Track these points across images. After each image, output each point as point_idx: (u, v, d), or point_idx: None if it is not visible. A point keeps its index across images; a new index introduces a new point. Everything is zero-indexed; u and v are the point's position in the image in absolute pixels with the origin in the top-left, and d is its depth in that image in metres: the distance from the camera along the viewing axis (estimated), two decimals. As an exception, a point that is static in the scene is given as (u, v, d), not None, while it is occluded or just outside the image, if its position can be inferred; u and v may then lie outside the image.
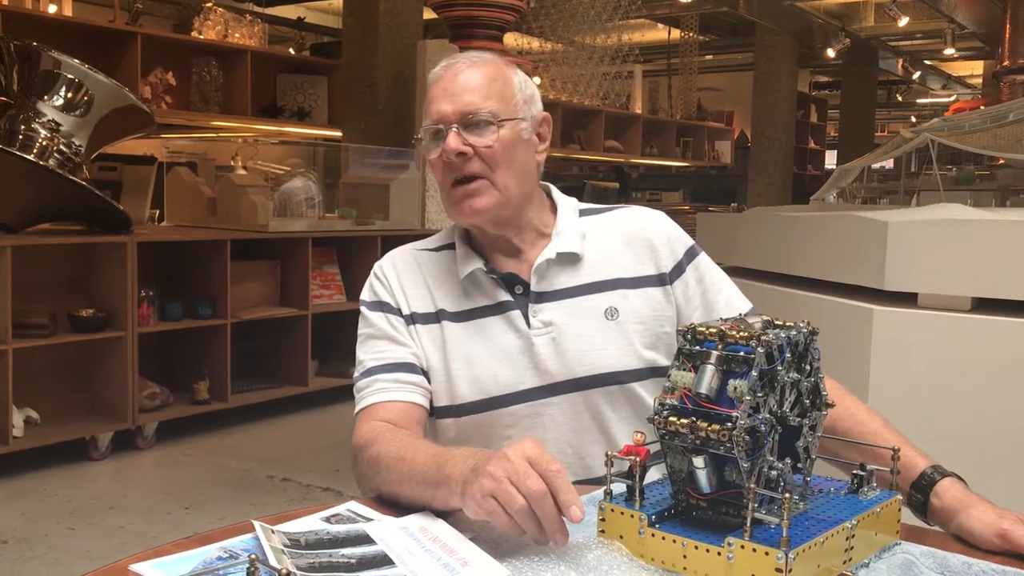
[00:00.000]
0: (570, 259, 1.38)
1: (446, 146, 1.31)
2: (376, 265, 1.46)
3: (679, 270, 1.40)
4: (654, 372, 1.36)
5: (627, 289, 1.38)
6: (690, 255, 1.42)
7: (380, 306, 1.40)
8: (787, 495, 0.88)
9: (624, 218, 1.45)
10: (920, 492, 1.12)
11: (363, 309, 1.42)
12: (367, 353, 1.38)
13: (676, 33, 10.96)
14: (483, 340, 1.35)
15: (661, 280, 1.40)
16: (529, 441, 0.99)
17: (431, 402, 1.37)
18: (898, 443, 1.13)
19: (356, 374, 1.38)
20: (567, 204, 1.45)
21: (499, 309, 1.37)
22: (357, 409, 1.34)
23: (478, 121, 1.31)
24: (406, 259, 1.44)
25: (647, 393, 1.35)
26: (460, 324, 1.37)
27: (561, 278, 1.38)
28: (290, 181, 4.88)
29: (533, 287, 1.36)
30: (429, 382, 1.37)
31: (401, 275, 1.42)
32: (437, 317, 1.38)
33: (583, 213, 1.45)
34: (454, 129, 1.31)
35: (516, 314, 1.36)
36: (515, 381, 1.34)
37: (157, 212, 5.09)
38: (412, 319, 1.39)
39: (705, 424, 0.93)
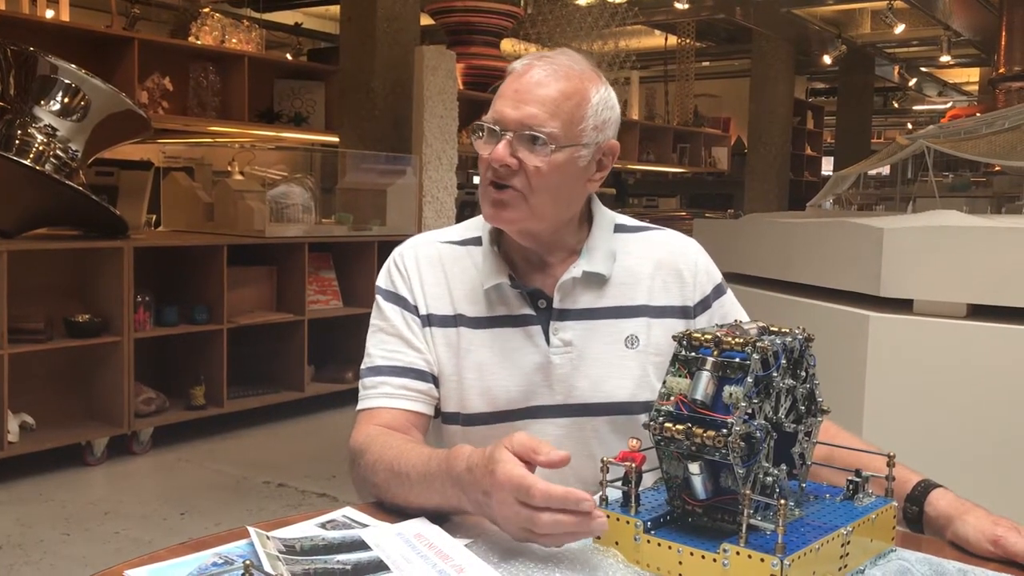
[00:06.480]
0: (596, 279, 1.34)
1: (494, 152, 1.26)
2: (397, 252, 1.41)
3: (705, 305, 1.38)
4: None
5: (650, 318, 1.35)
6: (717, 292, 1.40)
7: (397, 299, 1.37)
8: (783, 501, 0.88)
9: (658, 242, 1.41)
10: (915, 503, 1.13)
11: (379, 297, 1.38)
12: (377, 348, 1.35)
13: (673, 39, 10.99)
14: (499, 351, 1.33)
15: (684, 313, 1.37)
16: (507, 464, 0.97)
17: (438, 407, 1.36)
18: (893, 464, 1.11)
19: (364, 366, 1.36)
20: (603, 218, 1.40)
21: (520, 322, 1.33)
22: (360, 407, 1.33)
23: (535, 137, 1.25)
24: (428, 253, 1.39)
25: None
26: (478, 331, 1.34)
27: (585, 297, 1.34)
28: (276, 187, 4.86)
29: (556, 304, 1.33)
30: (438, 387, 1.35)
31: (423, 271, 1.38)
32: (455, 321, 1.35)
33: (618, 229, 1.41)
34: (508, 137, 1.26)
35: (536, 329, 1.33)
36: (526, 397, 1.32)
37: (154, 217, 5.08)
38: (429, 320, 1.35)
39: (700, 430, 0.93)
